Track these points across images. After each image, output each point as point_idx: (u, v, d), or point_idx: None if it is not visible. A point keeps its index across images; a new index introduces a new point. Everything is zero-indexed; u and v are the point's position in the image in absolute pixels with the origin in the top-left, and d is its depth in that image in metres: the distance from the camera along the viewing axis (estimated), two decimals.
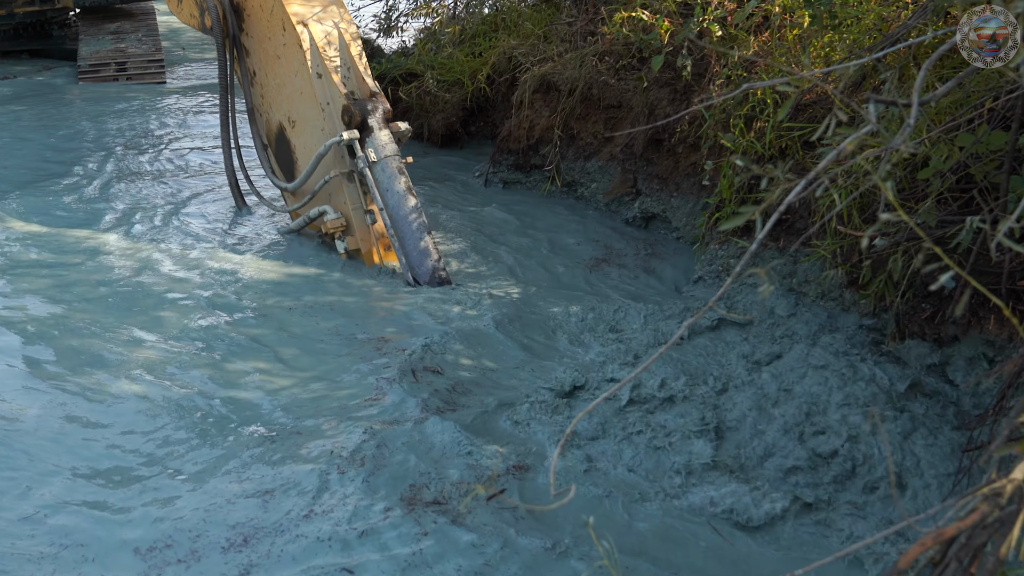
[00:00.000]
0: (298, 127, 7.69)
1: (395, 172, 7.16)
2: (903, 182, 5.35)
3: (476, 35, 10.67)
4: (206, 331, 6.17)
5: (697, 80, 7.78)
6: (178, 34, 16.44)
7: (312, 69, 7.26)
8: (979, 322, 5.23)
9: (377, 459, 4.63)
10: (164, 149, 10.26)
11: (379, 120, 7.24)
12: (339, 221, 7.39)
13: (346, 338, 6.15)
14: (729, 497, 4.61)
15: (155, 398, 5.33)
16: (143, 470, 4.74)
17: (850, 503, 4.68)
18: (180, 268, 7.13)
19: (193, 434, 5.04)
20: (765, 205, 2.43)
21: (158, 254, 7.35)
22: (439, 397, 5.29)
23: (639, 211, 8.50)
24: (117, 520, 4.33)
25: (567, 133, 8.96)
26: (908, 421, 5.03)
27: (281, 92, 7.76)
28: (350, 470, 4.55)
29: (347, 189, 7.39)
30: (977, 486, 2.07)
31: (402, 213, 7.12)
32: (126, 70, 13.69)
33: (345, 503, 4.36)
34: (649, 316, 6.33)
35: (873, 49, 5.79)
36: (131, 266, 7.10)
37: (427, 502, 4.40)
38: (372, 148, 7.16)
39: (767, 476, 4.87)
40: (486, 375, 5.75)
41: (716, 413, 5.24)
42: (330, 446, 4.75)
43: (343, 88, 7.20)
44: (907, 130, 2.51)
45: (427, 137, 10.60)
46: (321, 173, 7.41)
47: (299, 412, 5.24)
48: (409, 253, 7.10)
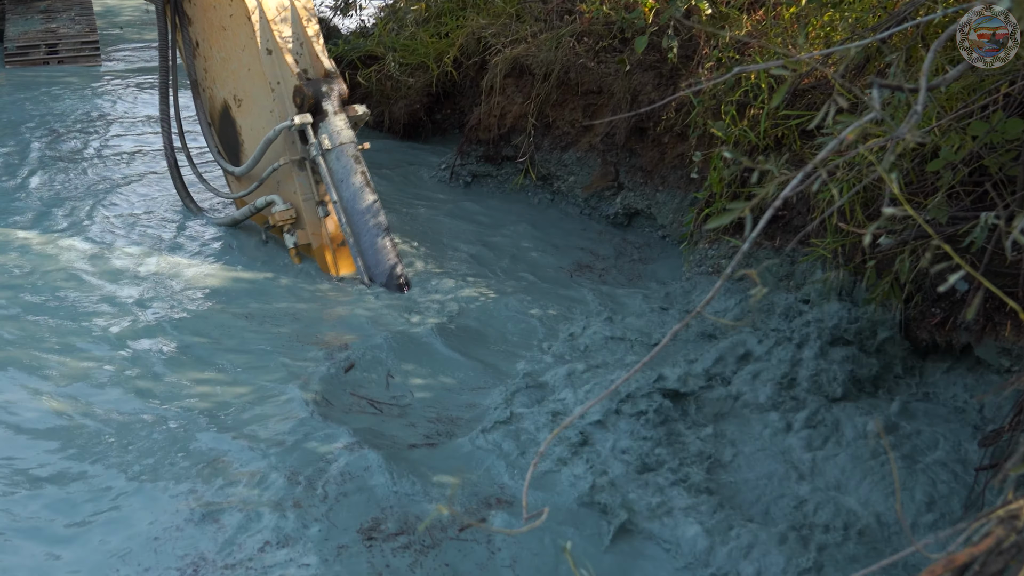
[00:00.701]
0: (245, 107, 7.57)
1: (351, 161, 7.07)
2: (910, 175, 5.32)
3: (442, 14, 10.58)
4: (138, 342, 6.07)
5: (684, 63, 7.73)
6: (114, 13, 16.30)
7: (261, 44, 7.13)
8: (994, 328, 5.19)
9: (307, 499, 4.59)
10: (98, 139, 10.11)
11: (334, 103, 7.13)
12: (288, 213, 7.29)
13: (289, 350, 6.08)
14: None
15: (76, 417, 5.25)
16: (62, 499, 4.66)
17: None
18: (113, 270, 7.01)
19: (119, 457, 4.95)
20: (757, 200, 2.36)
21: (88, 255, 7.21)
22: (380, 425, 5.26)
23: (621, 207, 8.44)
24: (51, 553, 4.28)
25: (542, 121, 8.89)
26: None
27: (226, 67, 7.62)
28: (283, 509, 4.52)
29: (298, 178, 7.28)
30: (992, 508, 2.01)
31: (358, 207, 7.03)
32: (58, 52, 13.55)
33: (284, 544, 4.32)
34: (615, 336, 6.22)
35: (877, 29, 5.75)
36: (57, 268, 6.97)
37: (390, 533, 4.37)
38: (326, 134, 7.06)
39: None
40: (440, 399, 5.67)
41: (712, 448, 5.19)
42: (256, 492, 4.68)
43: (295, 67, 7.08)
44: (914, 117, 2.44)
45: (388, 126, 10.51)
46: (270, 159, 7.30)
47: (230, 438, 5.14)
48: (365, 251, 7.01)
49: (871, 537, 4.50)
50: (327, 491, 4.61)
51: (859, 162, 5.13)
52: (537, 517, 4.29)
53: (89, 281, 6.86)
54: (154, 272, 7.04)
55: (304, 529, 4.37)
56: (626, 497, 4.64)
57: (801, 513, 4.63)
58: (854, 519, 4.58)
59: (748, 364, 5.65)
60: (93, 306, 6.51)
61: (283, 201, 7.32)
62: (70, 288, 6.74)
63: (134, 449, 5.01)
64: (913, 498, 4.70)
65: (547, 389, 5.61)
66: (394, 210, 8.35)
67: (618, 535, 4.47)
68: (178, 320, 6.38)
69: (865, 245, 2.29)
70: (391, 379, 5.84)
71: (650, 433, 5.02)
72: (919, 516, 4.63)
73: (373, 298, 6.78)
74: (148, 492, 4.69)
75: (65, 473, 4.83)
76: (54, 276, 6.89)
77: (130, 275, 6.99)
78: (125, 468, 4.86)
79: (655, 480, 4.77)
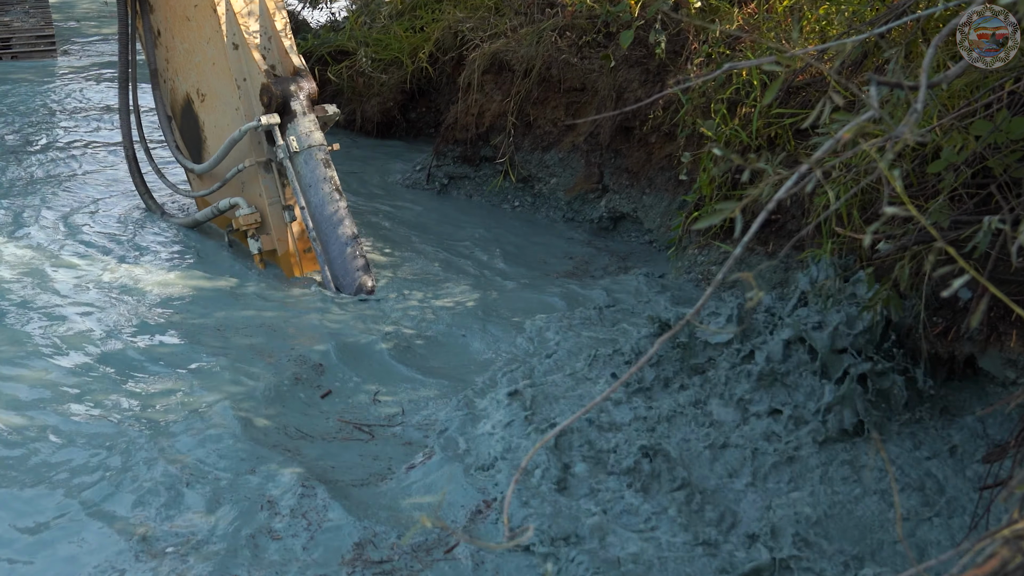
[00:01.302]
0: (208, 102, 7.53)
1: (320, 165, 7.04)
2: (911, 176, 5.31)
3: (417, 7, 10.58)
4: (82, 356, 5.94)
5: (673, 59, 7.72)
6: (71, 6, 16.27)
7: (227, 39, 7.09)
8: (999, 338, 5.19)
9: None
10: (54, 138, 10.06)
11: (303, 103, 7.09)
12: (253, 217, 7.24)
13: (249, 366, 5.97)
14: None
15: (35, 431, 5.15)
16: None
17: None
18: (60, 276, 6.92)
19: (48, 485, 4.82)
20: (747, 201, 2.34)
21: (45, 262, 7.13)
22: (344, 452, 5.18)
23: (606, 210, 8.43)
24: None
25: (522, 120, 8.87)
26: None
27: (190, 59, 7.57)
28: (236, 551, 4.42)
29: (263, 180, 7.25)
30: (997, 528, 1.99)
31: (326, 213, 7.00)
32: (11, 47, 13.53)
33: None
34: (598, 356, 6.15)
35: (875, 23, 5.75)
36: (12, 276, 6.89)
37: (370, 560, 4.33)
38: (294, 136, 7.02)
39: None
40: (407, 428, 5.57)
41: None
42: (204, 527, 4.55)
43: (263, 64, 7.04)
44: (914, 116, 2.43)
45: (360, 125, 10.49)
46: (234, 159, 7.27)
47: (175, 470, 5.00)
48: (333, 259, 6.98)
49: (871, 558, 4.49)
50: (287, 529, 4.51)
51: (856, 163, 5.12)
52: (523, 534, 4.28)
53: (33, 287, 6.77)
54: (105, 278, 6.94)
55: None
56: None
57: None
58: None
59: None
60: (34, 314, 6.41)
61: (247, 204, 7.28)
62: (10, 294, 6.63)
63: (66, 472, 4.84)
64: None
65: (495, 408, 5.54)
66: (366, 214, 8.31)
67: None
68: (128, 332, 6.27)
69: (864, 246, 2.27)
70: (376, 402, 5.77)
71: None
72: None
73: (339, 308, 6.72)
74: (82, 524, 4.50)
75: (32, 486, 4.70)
76: (14, 284, 6.77)
77: (79, 280, 6.89)
78: (56, 496, 4.67)
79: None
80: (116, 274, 7.05)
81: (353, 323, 6.51)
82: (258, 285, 7.07)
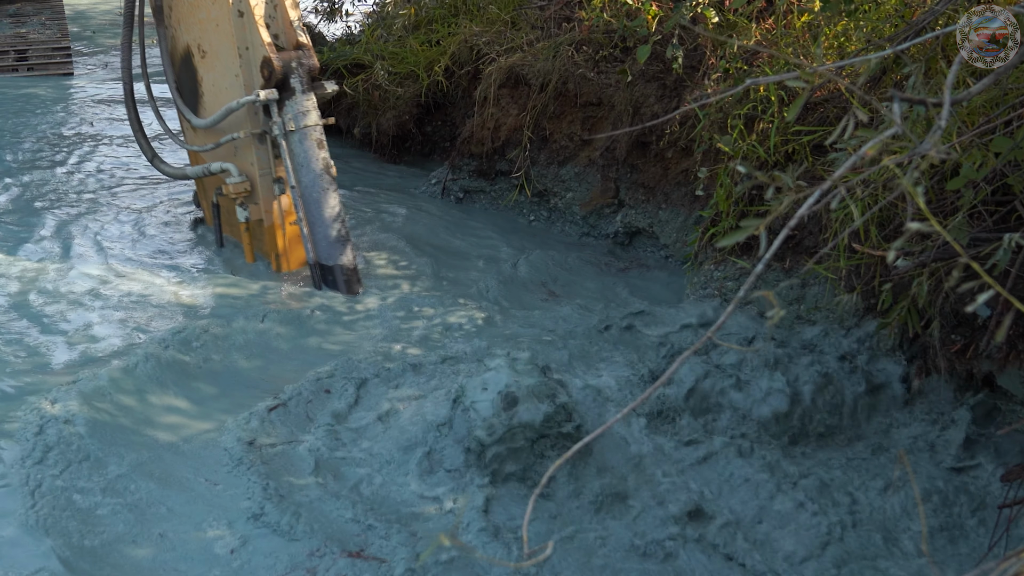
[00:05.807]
0: (209, 60, 7.52)
1: (314, 146, 7.15)
2: (929, 193, 5.31)
3: (433, 20, 10.60)
4: (102, 364, 5.98)
5: (690, 74, 7.74)
6: (87, 16, 16.32)
7: (233, 4, 7.05)
8: (1018, 356, 5.19)
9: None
10: (69, 153, 10.10)
11: (303, 80, 7.14)
12: (243, 185, 7.35)
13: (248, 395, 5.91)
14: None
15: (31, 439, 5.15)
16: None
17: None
18: (84, 287, 6.96)
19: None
20: (771, 218, 2.34)
21: (55, 273, 7.16)
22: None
23: (621, 225, 8.43)
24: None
25: (538, 135, 8.89)
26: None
27: (194, 14, 7.50)
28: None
29: (256, 151, 7.34)
30: (1019, 548, 1.99)
31: (315, 195, 7.12)
32: (27, 60, 13.57)
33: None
34: (595, 382, 6.07)
35: (895, 39, 5.76)
36: (23, 289, 6.91)
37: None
38: (291, 114, 7.09)
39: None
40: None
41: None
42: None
43: (267, 36, 7.04)
44: (938, 132, 2.44)
45: (376, 138, 10.51)
46: (230, 126, 7.36)
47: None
48: (318, 243, 7.11)
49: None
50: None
51: (875, 179, 5.12)
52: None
53: (46, 301, 6.80)
54: (122, 291, 6.97)
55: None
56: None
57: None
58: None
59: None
60: (60, 324, 6.46)
61: (238, 172, 7.36)
62: (24, 309, 6.66)
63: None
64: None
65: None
66: (380, 225, 8.32)
67: None
68: (127, 346, 6.29)
69: (888, 262, 2.28)
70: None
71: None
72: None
73: (331, 320, 6.75)
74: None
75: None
76: (7, 295, 6.83)
77: (95, 296, 6.92)
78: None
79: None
80: (129, 285, 7.05)
81: (343, 338, 6.51)
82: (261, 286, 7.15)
